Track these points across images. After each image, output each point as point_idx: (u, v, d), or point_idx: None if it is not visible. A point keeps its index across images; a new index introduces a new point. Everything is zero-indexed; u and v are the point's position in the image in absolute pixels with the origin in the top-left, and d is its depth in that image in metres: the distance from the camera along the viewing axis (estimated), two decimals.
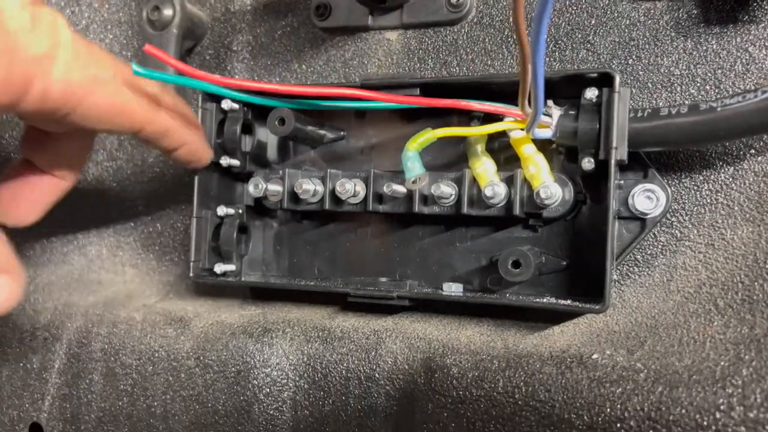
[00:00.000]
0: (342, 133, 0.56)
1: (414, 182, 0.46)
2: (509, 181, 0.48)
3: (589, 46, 0.50)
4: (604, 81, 0.44)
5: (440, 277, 0.53)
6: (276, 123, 0.51)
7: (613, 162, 0.43)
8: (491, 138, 0.50)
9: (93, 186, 0.66)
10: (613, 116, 0.43)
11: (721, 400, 0.37)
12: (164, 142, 0.48)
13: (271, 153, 0.59)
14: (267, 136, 0.58)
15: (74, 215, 0.66)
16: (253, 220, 0.59)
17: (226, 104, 0.55)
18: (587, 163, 0.45)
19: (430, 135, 0.46)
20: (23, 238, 0.65)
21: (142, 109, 0.44)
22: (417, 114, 0.53)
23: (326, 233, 0.57)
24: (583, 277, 0.48)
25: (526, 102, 0.43)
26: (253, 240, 0.59)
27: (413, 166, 0.46)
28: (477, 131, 0.47)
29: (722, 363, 0.40)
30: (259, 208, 0.58)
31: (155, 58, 0.42)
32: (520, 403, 0.42)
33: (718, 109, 0.40)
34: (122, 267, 0.64)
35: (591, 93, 0.45)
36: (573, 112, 0.46)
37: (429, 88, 0.49)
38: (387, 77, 0.52)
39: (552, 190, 0.46)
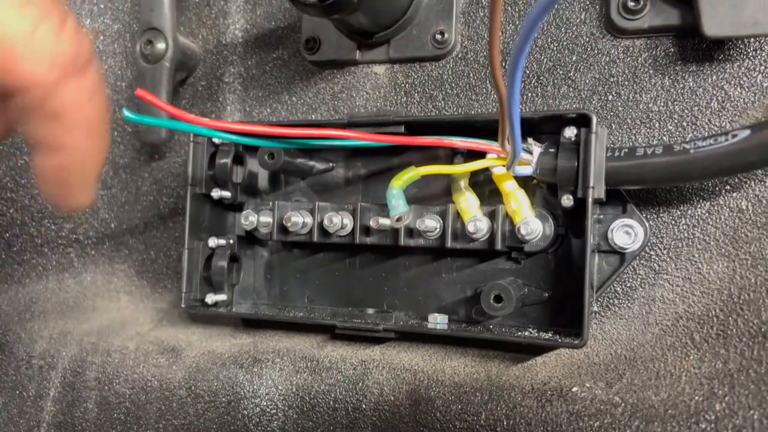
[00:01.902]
0: (331, 164, 0.58)
1: (398, 220, 0.47)
2: (492, 216, 0.49)
3: (570, 82, 0.52)
4: (583, 121, 0.46)
5: (427, 307, 0.54)
6: (266, 158, 0.52)
7: (590, 201, 0.44)
8: (475, 172, 0.51)
9: (87, 213, 0.67)
10: (590, 156, 0.44)
11: None
12: (24, 125, 0.30)
13: (262, 183, 0.60)
14: (258, 166, 0.59)
15: (69, 242, 0.67)
16: (244, 250, 0.60)
17: (217, 138, 0.56)
18: (566, 200, 0.46)
19: (413, 173, 0.47)
20: (19, 265, 0.66)
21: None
22: (403, 147, 0.55)
23: (316, 262, 0.58)
24: (566, 309, 0.50)
25: (506, 141, 0.44)
26: (244, 269, 0.60)
27: (397, 203, 0.47)
28: (459, 169, 0.48)
29: (696, 398, 0.41)
30: (250, 237, 0.59)
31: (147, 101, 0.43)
32: None
33: (691, 151, 0.42)
34: (116, 294, 0.66)
35: (570, 132, 0.46)
36: (553, 150, 0.47)
37: (414, 126, 0.51)
38: (373, 115, 0.53)
39: (532, 226, 0.47)
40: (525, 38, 0.29)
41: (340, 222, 0.53)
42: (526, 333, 0.48)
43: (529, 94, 0.53)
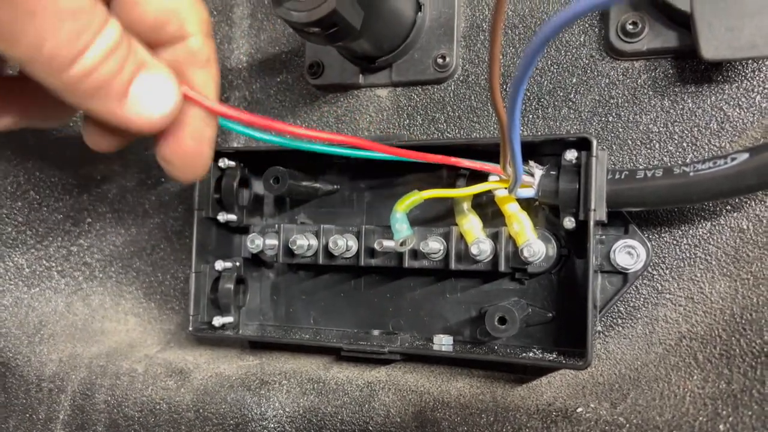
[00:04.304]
0: (336, 186, 0.58)
1: (402, 244, 0.48)
2: (495, 237, 0.50)
3: (570, 103, 0.52)
4: (583, 144, 0.46)
5: (432, 328, 0.54)
6: (271, 182, 0.53)
7: (592, 223, 0.45)
8: (477, 194, 0.52)
9: (95, 236, 0.68)
10: (591, 179, 0.45)
11: None
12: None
13: (268, 205, 0.61)
14: (263, 189, 0.60)
15: (77, 265, 0.68)
16: (251, 272, 0.60)
17: (222, 162, 0.57)
18: (569, 222, 0.47)
19: (417, 197, 0.48)
20: (28, 288, 0.67)
21: None
22: (407, 167, 0.55)
23: (321, 284, 0.59)
24: (569, 329, 0.50)
25: (508, 164, 0.45)
26: (250, 291, 0.60)
27: (401, 227, 0.47)
28: (462, 192, 0.48)
29: (701, 418, 0.42)
30: (256, 259, 0.60)
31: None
32: None
33: (691, 174, 0.42)
34: (125, 316, 0.66)
35: (571, 155, 0.47)
36: (554, 173, 0.47)
37: (417, 150, 0.51)
38: (376, 138, 0.54)
39: (535, 248, 0.47)
40: (524, 70, 0.30)
41: (344, 244, 0.53)
42: (531, 354, 0.48)
43: (530, 116, 0.53)
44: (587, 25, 0.52)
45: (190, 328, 0.56)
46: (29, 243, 0.67)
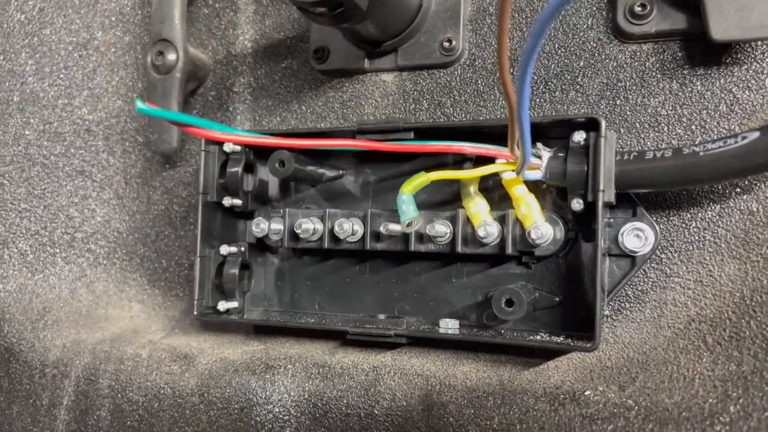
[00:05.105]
0: (341, 171, 0.58)
1: (409, 225, 0.48)
2: (502, 220, 0.49)
3: (578, 87, 0.52)
4: (592, 125, 0.46)
5: (438, 312, 0.54)
6: (276, 165, 0.53)
7: (600, 204, 0.44)
8: (484, 176, 0.52)
9: (101, 223, 0.68)
10: (600, 160, 0.44)
11: None
12: None
13: (273, 191, 0.60)
14: (268, 174, 0.60)
15: (82, 252, 0.68)
16: (255, 257, 0.60)
17: (228, 147, 0.56)
18: (576, 204, 0.46)
19: (423, 179, 0.47)
20: (32, 274, 0.67)
21: None
22: (413, 153, 0.55)
23: (326, 269, 0.58)
24: (577, 313, 0.50)
25: (516, 146, 0.44)
26: (255, 276, 0.60)
27: (407, 209, 0.47)
28: (469, 174, 0.48)
29: (710, 400, 0.41)
30: (261, 244, 0.60)
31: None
32: None
33: (701, 153, 0.42)
34: (129, 302, 0.66)
35: (579, 136, 0.46)
36: (562, 155, 0.47)
37: (423, 132, 0.51)
38: (382, 122, 0.53)
39: (543, 230, 0.47)
40: (535, 41, 0.30)
41: (350, 228, 0.53)
42: (538, 337, 0.48)
43: (538, 100, 0.53)
44: (594, 8, 0.52)
45: (195, 313, 0.55)
46: (33, 229, 0.67)
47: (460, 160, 0.53)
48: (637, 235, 0.48)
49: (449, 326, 0.51)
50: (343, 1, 0.45)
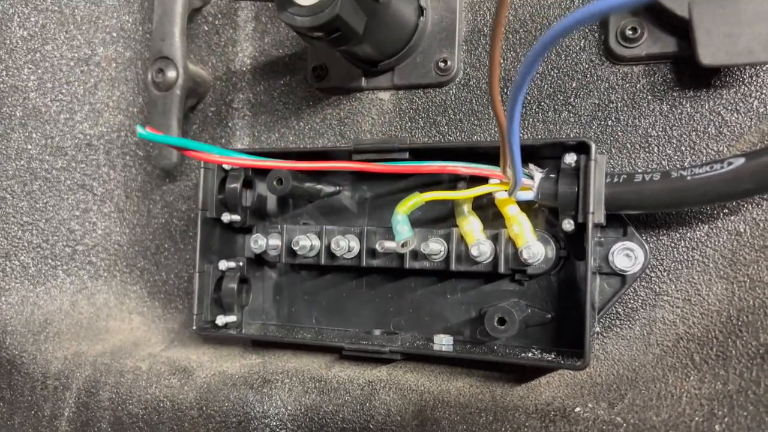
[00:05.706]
0: (338, 188, 0.59)
1: (403, 245, 0.49)
2: (495, 239, 0.50)
3: (570, 107, 0.53)
4: (582, 148, 0.47)
5: (432, 327, 0.55)
6: (274, 183, 0.54)
7: (590, 226, 0.45)
8: (478, 196, 0.53)
9: (101, 236, 0.69)
10: (590, 182, 0.45)
11: None
12: None
13: (271, 206, 0.61)
14: (266, 190, 0.61)
15: (82, 264, 0.69)
16: (254, 271, 0.61)
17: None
18: (567, 225, 0.47)
19: (417, 199, 0.48)
20: (33, 286, 0.68)
21: None
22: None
23: (323, 284, 0.59)
24: (568, 330, 0.51)
25: (507, 167, 0.45)
26: (253, 290, 0.61)
27: (402, 229, 0.48)
28: (463, 195, 0.49)
29: (697, 418, 0.42)
30: (260, 259, 0.61)
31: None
32: None
33: (688, 178, 0.43)
34: (129, 315, 0.67)
35: (570, 158, 0.47)
36: (553, 176, 0.48)
37: (418, 152, 0.52)
38: (378, 142, 0.54)
39: (534, 249, 0.48)
40: (524, 76, 0.31)
41: (346, 245, 0.54)
42: (530, 354, 0.49)
43: (530, 120, 0.54)
44: (587, 31, 0.53)
45: (194, 327, 0.56)
46: (35, 242, 0.68)
47: (455, 179, 0.54)
48: (627, 255, 0.49)
49: (443, 342, 0.52)
50: (339, 26, 0.46)
